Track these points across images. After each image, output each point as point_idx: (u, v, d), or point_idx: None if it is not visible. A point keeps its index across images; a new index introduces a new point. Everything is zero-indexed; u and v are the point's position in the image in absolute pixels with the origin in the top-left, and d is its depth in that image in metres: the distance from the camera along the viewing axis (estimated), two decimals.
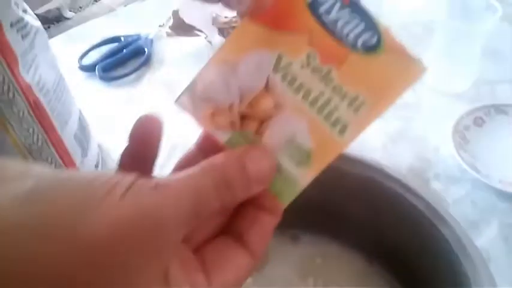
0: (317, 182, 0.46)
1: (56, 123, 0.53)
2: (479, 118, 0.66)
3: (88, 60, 0.82)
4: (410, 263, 0.44)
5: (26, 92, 0.48)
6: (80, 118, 0.60)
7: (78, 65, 0.81)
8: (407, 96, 0.72)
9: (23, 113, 0.49)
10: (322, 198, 0.47)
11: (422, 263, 0.42)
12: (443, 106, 0.70)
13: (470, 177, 0.59)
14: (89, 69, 0.80)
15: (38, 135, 0.52)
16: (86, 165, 0.59)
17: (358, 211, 0.46)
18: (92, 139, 0.63)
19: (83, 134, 0.60)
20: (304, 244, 0.50)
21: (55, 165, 0.55)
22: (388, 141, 0.66)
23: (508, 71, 0.75)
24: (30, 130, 0.51)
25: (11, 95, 0.47)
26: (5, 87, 0.46)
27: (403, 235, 0.44)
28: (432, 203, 0.40)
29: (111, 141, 0.68)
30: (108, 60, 0.80)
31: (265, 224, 0.25)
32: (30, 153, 0.52)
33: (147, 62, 0.81)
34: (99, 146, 0.66)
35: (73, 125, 0.57)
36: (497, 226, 0.54)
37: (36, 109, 0.50)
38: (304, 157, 0.25)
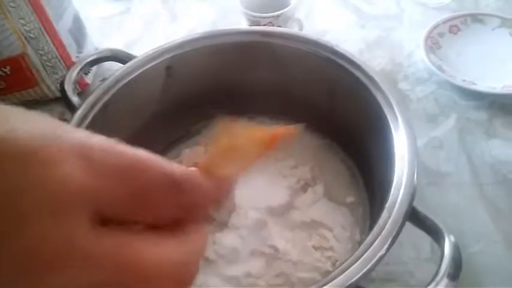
0: (279, 66, 0.51)
1: (50, 14, 0.58)
2: (454, 26, 0.68)
3: None
4: (356, 138, 0.48)
5: None
6: (75, 16, 0.65)
7: None
8: (391, 8, 0.75)
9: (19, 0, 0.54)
10: (285, 82, 0.52)
11: (365, 136, 0.47)
12: (424, 17, 0.73)
13: (437, 79, 0.63)
14: None
15: (34, 24, 0.57)
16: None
17: (316, 93, 0.51)
18: (89, 38, 0.68)
19: (78, 31, 0.65)
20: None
21: (52, 56, 0.61)
22: (365, 48, 0.69)
23: None
24: (27, 18, 0.56)
25: None
26: None
27: (352, 113, 0.48)
28: (377, 79, 0.44)
29: (107, 44, 0.73)
30: None
31: None
32: (28, 41, 0.58)
33: None
34: (96, 49, 0.72)
35: (68, 20, 0.62)
36: (454, 119, 0.58)
37: None
38: None
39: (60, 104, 0.63)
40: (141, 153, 0.17)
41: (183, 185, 0.17)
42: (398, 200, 0.34)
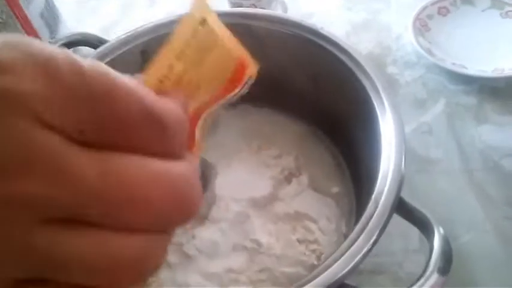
0: (261, 50, 0.49)
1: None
2: (444, 8, 0.66)
3: None
4: (342, 125, 0.46)
5: None
6: (47, 0, 0.62)
7: None
8: None
9: None
10: (267, 67, 0.50)
11: (351, 123, 0.45)
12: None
13: (426, 63, 0.61)
14: None
15: (2, 8, 0.54)
16: None
17: (299, 79, 0.48)
18: (62, 23, 0.65)
19: (50, 15, 0.62)
20: (251, 115, 0.53)
21: None
22: (352, 31, 0.67)
23: None
24: None
25: None
26: None
27: (338, 99, 0.46)
28: (363, 63, 0.42)
29: (83, 29, 0.70)
30: None
31: None
32: None
33: None
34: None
35: (39, 4, 0.59)
36: (443, 104, 0.56)
37: None
38: None
39: None
40: (117, 80, 0.13)
41: (165, 121, 0.14)
42: (385, 190, 0.33)
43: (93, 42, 0.47)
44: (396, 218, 0.34)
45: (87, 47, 0.51)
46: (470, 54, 0.60)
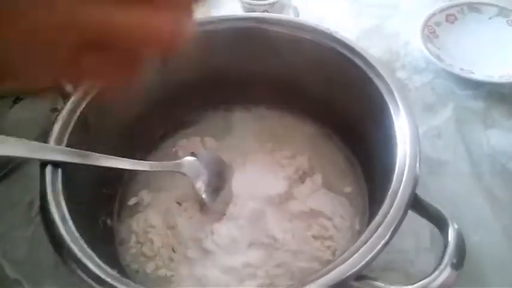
0: (275, 54, 0.50)
1: None
2: (451, 15, 0.67)
3: None
4: (355, 126, 0.48)
5: None
6: None
7: None
8: None
9: None
10: (281, 70, 0.51)
11: (365, 125, 0.46)
12: (421, 6, 0.72)
13: (434, 68, 0.62)
14: None
15: None
16: None
17: (313, 82, 0.50)
18: None
19: None
20: (265, 118, 0.55)
21: None
22: (361, 36, 0.68)
23: None
24: None
25: None
26: None
27: (351, 101, 0.48)
28: (377, 66, 0.43)
29: None
30: None
31: None
32: None
33: None
34: None
35: None
36: (452, 109, 0.58)
37: None
38: None
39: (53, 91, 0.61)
40: None
41: None
42: (401, 186, 0.34)
43: None
44: (409, 217, 0.35)
45: None
46: (477, 60, 0.62)
